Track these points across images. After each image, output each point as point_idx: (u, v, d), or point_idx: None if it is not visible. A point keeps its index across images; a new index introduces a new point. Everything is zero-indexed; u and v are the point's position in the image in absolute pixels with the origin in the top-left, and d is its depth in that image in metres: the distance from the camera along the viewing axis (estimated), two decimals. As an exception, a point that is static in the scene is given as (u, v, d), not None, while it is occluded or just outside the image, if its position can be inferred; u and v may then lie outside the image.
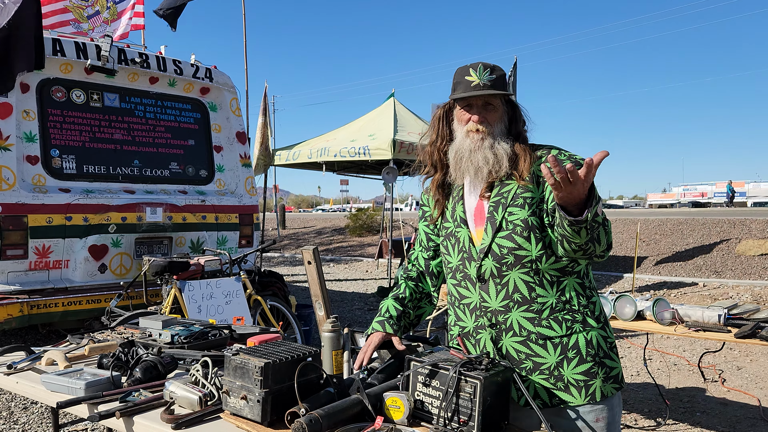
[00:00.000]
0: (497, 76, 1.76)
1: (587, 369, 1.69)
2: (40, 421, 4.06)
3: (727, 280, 9.29)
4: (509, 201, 1.73)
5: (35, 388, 1.97)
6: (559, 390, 1.69)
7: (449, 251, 1.86)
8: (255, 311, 4.90)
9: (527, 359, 1.71)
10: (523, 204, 1.71)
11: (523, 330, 1.71)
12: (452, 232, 1.85)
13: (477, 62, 1.79)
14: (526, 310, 1.70)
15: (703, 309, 3.40)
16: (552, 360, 1.69)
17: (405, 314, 1.93)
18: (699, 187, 54.28)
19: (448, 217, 1.88)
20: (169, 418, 1.59)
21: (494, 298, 1.74)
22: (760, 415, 4.01)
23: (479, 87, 1.74)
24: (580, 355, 1.69)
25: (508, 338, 1.72)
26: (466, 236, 1.80)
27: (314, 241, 19.48)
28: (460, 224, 1.82)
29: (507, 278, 1.72)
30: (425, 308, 2.02)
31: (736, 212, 21.27)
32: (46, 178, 5.16)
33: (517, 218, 1.71)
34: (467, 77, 1.76)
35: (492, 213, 1.75)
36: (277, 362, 1.54)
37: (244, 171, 6.53)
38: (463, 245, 1.80)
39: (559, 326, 1.70)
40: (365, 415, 1.53)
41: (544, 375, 1.70)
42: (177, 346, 2.20)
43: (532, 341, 1.70)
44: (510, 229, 1.72)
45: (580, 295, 1.74)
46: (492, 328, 1.75)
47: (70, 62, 5.35)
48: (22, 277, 4.97)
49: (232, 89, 6.51)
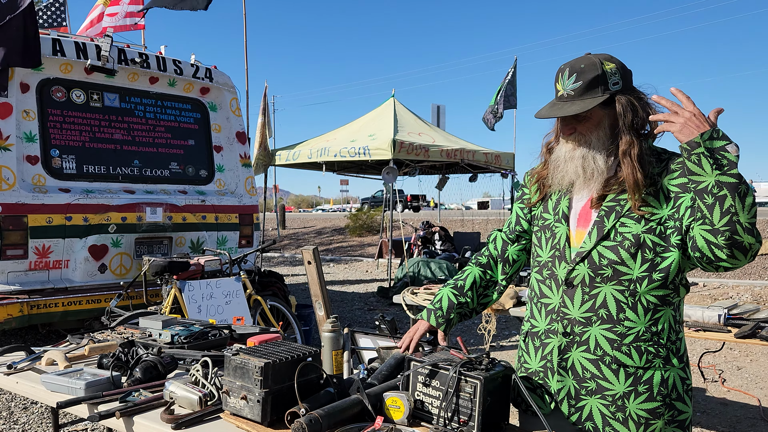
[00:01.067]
0: (585, 81, 1.57)
1: (654, 408, 1.56)
2: (40, 421, 4.06)
3: (727, 280, 9.29)
4: (624, 210, 1.58)
5: (35, 388, 1.97)
6: (617, 421, 1.57)
7: (541, 244, 1.74)
8: (255, 311, 4.90)
9: (593, 380, 1.59)
10: (639, 218, 1.56)
11: (598, 349, 1.58)
12: (550, 225, 1.72)
13: (568, 63, 1.62)
14: (609, 329, 1.57)
15: (703, 309, 3.40)
16: (620, 389, 1.56)
17: (463, 304, 1.86)
18: (699, 187, 54.27)
19: (549, 209, 1.74)
20: (169, 418, 1.59)
21: (577, 307, 1.61)
22: (760, 415, 4.01)
23: (563, 98, 1.60)
24: (651, 392, 1.56)
25: (578, 351, 1.61)
26: (564, 234, 1.66)
27: (314, 241, 19.47)
28: (561, 219, 1.68)
29: (598, 291, 1.58)
30: (491, 296, 1.93)
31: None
32: (46, 178, 5.16)
33: (629, 231, 1.56)
34: (556, 84, 1.64)
35: (602, 218, 1.60)
36: (277, 362, 1.54)
37: (244, 171, 6.53)
38: (558, 242, 1.67)
39: (639, 356, 1.56)
40: (365, 415, 1.53)
41: (606, 401, 1.58)
42: (177, 346, 2.20)
43: (605, 363, 1.57)
44: (617, 240, 1.57)
45: (672, 330, 1.59)
46: (565, 336, 1.63)
47: (70, 62, 5.34)
48: (22, 277, 4.97)
49: (232, 89, 6.51)
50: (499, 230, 1.95)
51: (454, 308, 1.84)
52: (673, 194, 1.55)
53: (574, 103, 1.58)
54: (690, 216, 1.50)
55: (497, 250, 1.91)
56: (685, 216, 1.52)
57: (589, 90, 1.57)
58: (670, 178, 1.57)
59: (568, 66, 1.61)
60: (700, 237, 1.45)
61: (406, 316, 4.21)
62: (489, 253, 1.93)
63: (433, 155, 9.86)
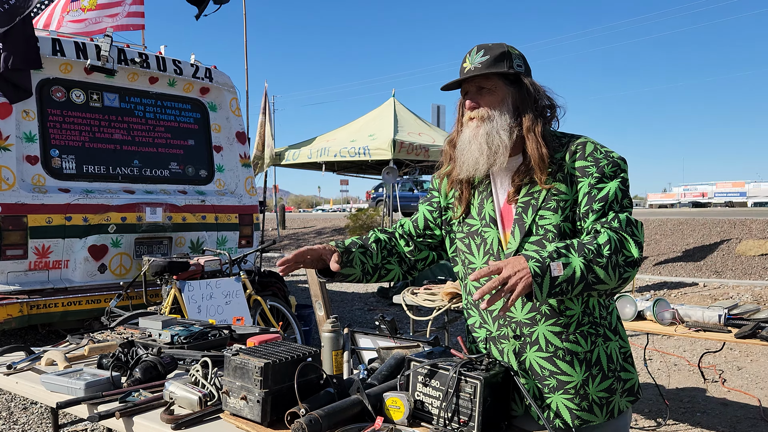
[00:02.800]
0: (492, 55, 1.60)
1: (609, 386, 1.62)
2: (40, 421, 4.05)
3: (727, 280, 9.28)
4: (540, 203, 1.58)
5: (35, 389, 1.96)
6: (583, 411, 1.60)
7: (472, 251, 1.70)
8: (255, 311, 4.90)
9: (551, 377, 1.60)
10: (555, 207, 1.57)
11: (549, 345, 1.59)
12: (478, 230, 1.68)
13: (475, 45, 1.66)
14: (554, 323, 1.59)
15: (703, 309, 3.40)
16: (578, 378, 1.59)
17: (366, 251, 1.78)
18: (699, 187, 54.27)
19: (474, 214, 1.70)
20: (169, 418, 1.59)
21: (520, 309, 1.61)
22: (761, 416, 4.01)
23: (471, 71, 1.61)
24: (603, 371, 1.61)
25: (532, 352, 1.61)
26: (495, 238, 1.64)
27: (314, 241, 19.48)
28: (489, 224, 1.66)
29: None
30: (393, 267, 1.85)
31: (736, 212, 21.27)
32: (45, 178, 5.16)
33: (549, 223, 1.57)
34: (463, 64, 1.65)
35: (521, 215, 1.60)
36: (277, 362, 1.54)
37: (244, 171, 6.53)
38: (491, 247, 1.65)
39: (584, 341, 1.60)
40: (365, 415, 1.52)
41: (569, 395, 1.59)
42: (177, 347, 2.20)
43: (558, 357, 1.59)
44: (540, 234, 1.57)
45: (602, 305, 1.64)
46: (516, 339, 1.63)
47: (70, 62, 5.34)
48: (21, 277, 4.97)
49: (232, 89, 6.51)
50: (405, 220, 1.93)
51: (356, 247, 1.78)
52: (575, 177, 1.59)
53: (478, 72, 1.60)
54: (586, 205, 1.55)
55: (402, 230, 1.89)
56: (582, 203, 1.57)
57: (496, 63, 1.60)
58: (572, 160, 1.60)
59: (475, 46, 1.64)
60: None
61: (406, 317, 4.21)
62: (395, 228, 1.91)
63: (433, 155, 9.86)
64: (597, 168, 1.57)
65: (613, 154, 1.59)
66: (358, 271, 1.78)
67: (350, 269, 1.76)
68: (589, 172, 1.57)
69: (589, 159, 1.59)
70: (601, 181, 1.56)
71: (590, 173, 1.57)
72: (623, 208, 1.55)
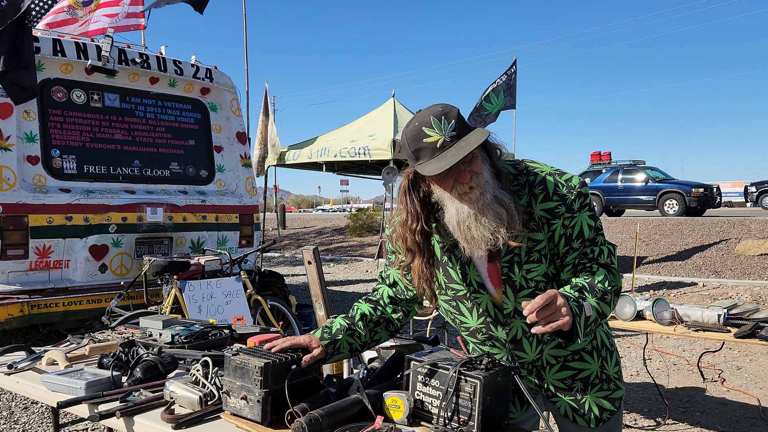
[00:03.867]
0: (455, 120, 1.43)
1: (617, 359, 1.73)
2: (41, 421, 4.06)
3: (726, 280, 9.29)
4: (523, 258, 1.54)
5: (36, 388, 1.97)
6: (614, 391, 1.69)
7: (463, 313, 1.67)
8: (255, 311, 4.91)
9: (574, 381, 1.67)
10: (539, 258, 1.55)
11: (558, 359, 1.67)
12: (467, 295, 1.63)
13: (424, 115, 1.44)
14: (556, 346, 1.66)
15: (702, 309, 3.40)
16: (595, 366, 1.67)
17: (353, 333, 1.72)
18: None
19: (456, 279, 1.62)
20: (170, 417, 1.59)
21: (530, 352, 1.67)
22: (760, 415, 4.02)
23: (447, 145, 1.41)
24: (608, 349, 1.71)
25: (549, 374, 1.69)
26: (488, 302, 1.61)
27: (314, 241, 19.48)
28: (478, 290, 1.61)
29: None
30: (381, 334, 1.78)
31: (735, 212, 21.28)
32: (46, 178, 5.17)
33: (537, 274, 1.56)
34: (427, 139, 1.42)
35: (508, 275, 1.56)
36: (277, 362, 1.55)
37: (244, 171, 6.53)
38: (487, 310, 1.63)
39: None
40: (365, 414, 1.53)
41: (596, 386, 1.67)
42: (177, 346, 2.21)
43: (569, 361, 1.67)
44: (532, 287, 1.57)
45: None
46: (530, 374, 1.70)
47: (71, 62, 5.35)
48: (22, 277, 4.98)
49: (232, 89, 6.51)
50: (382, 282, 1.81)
51: (343, 332, 1.70)
52: (545, 219, 1.53)
53: (463, 141, 1.41)
54: (565, 245, 1.54)
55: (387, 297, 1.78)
56: (560, 244, 1.54)
57: (464, 126, 1.44)
58: (539, 204, 1.53)
59: (429, 116, 1.43)
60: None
61: (406, 316, 4.22)
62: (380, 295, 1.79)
63: (433, 155, 9.84)
64: (566, 207, 1.53)
65: (573, 183, 1.54)
66: (347, 353, 1.74)
67: (338, 355, 1.72)
68: (559, 212, 1.53)
69: (555, 198, 1.53)
70: (572, 218, 1.53)
71: (560, 213, 1.53)
72: (598, 235, 1.57)
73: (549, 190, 1.53)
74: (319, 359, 1.65)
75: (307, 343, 1.66)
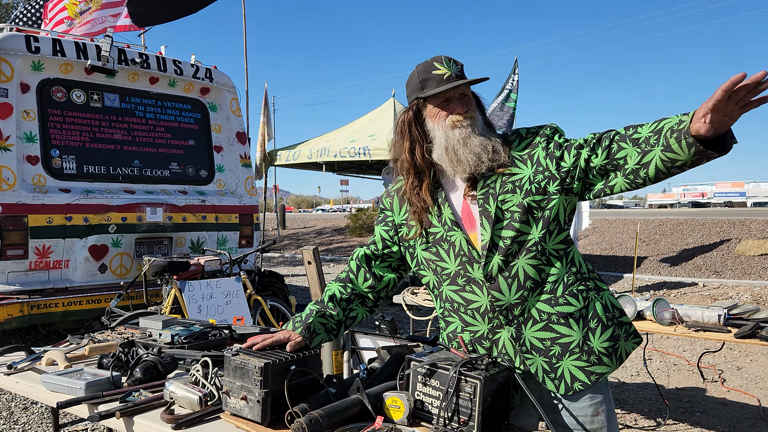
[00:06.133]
0: (461, 67, 1.71)
1: (611, 334, 1.67)
2: (41, 421, 4.06)
3: (726, 280, 9.29)
4: (498, 190, 1.65)
5: (35, 388, 1.97)
6: (593, 365, 1.64)
7: (442, 257, 1.72)
8: (255, 311, 4.91)
9: (553, 344, 1.64)
10: (513, 188, 1.64)
11: (542, 315, 1.64)
12: (443, 236, 1.71)
13: (439, 56, 1.71)
14: (540, 292, 1.64)
15: (702, 309, 3.40)
16: (578, 336, 1.63)
17: (324, 314, 1.79)
18: (699, 187, 54.26)
19: (435, 222, 1.73)
20: (169, 418, 1.59)
21: (507, 293, 1.64)
22: (760, 415, 4.01)
23: (453, 78, 1.65)
24: (601, 322, 1.66)
25: (529, 330, 1.65)
26: (462, 238, 1.68)
27: (314, 242, 19.48)
28: (452, 228, 1.70)
29: (515, 268, 1.63)
30: (357, 310, 1.85)
31: (735, 212, 21.28)
32: (46, 178, 5.16)
33: (512, 204, 1.63)
34: (435, 71, 1.67)
35: (484, 206, 1.65)
36: (276, 362, 1.55)
37: (244, 171, 6.54)
38: (461, 249, 1.68)
39: (576, 300, 1.64)
40: (365, 415, 1.53)
41: (575, 354, 1.63)
42: (177, 346, 2.21)
43: (554, 323, 1.63)
44: (508, 217, 1.63)
45: (584, 261, 1.71)
46: (510, 324, 1.66)
47: (71, 62, 5.35)
48: (22, 277, 4.97)
49: (232, 89, 6.51)
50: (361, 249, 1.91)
51: (313, 315, 1.77)
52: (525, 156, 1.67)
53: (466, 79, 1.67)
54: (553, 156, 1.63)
55: (359, 261, 1.87)
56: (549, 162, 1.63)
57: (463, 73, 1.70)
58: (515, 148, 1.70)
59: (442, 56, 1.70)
60: (658, 159, 1.49)
61: (406, 316, 4.21)
62: (349, 268, 1.89)
63: (433, 155, 9.84)
64: (540, 137, 1.68)
65: (545, 125, 1.70)
66: (323, 333, 1.78)
67: (317, 337, 1.77)
68: (536, 142, 1.67)
69: (528, 137, 1.70)
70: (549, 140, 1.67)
71: (537, 143, 1.67)
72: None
73: (522, 133, 1.73)
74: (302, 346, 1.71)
75: (287, 337, 1.73)
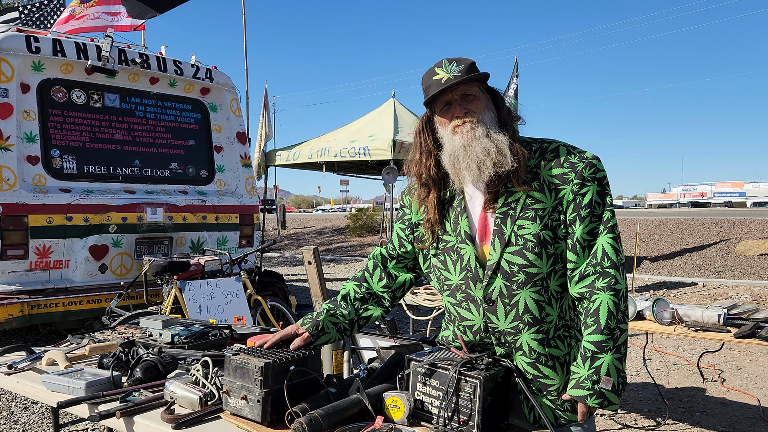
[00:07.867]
0: (465, 65, 1.59)
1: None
2: (41, 421, 4.06)
3: (726, 280, 9.29)
4: (518, 213, 1.57)
5: (36, 388, 1.97)
6: (566, 411, 1.62)
7: (448, 267, 1.68)
8: (255, 311, 4.91)
9: (535, 380, 1.61)
10: (534, 217, 1.55)
11: (533, 352, 1.60)
12: (454, 247, 1.66)
13: (442, 59, 1.63)
14: (536, 331, 1.59)
15: (702, 309, 3.40)
16: (560, 381, 1.61)
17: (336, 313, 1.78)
18: (698, 187, 54.23)
19: (449, 230, 1.68)
20: (170, 418, 1.59)
21: (503, 320, 1.60)
22: (760, 415, 4.02)
23: (450, 81, 1.57)
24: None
25: (518, 356, 1.62)
26: (472, 254, 1.62)
27: (314, 241, 19.48)
28: (465, 240, 1.63)
29: (517, 298, 1.57)
30: (372, 310, 1.83)
31: (735, 212, 21.28)
32: (46, 179, 5.16)
33: (528, 233, 1.55)
34: (435, 77, 1.60)
35: (500, 226, 1.58)
36: (277, 362, 1.55)
37: (244, 171, 6.54)
38: (468, 264, 1.62)
39: (562, 344, 1.62)
40: (365, 415, 1.53)
41: (552, 396, 1.62)
42: (177, 346, 2.21)
43: (542, 363, 1.60)
44: (521, 244, 1.56)
45: (569, 308, 1.65)
46: (500, 346, 1.64)
47: (71, 62, 5.35)
48: (22, 277, 4.98)
49: (232, 89, 6.51)
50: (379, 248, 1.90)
51: (324, 313, 1.77)
52: (554, 185, 1.57)
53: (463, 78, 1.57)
54: (573, 212, 1.55)
55: (375, 261, 1.87)
56: (569, 211, 1.56)
57: (471, 71, 1.59)
58: (548, 168, 1.59)
59: (444, 59, 1.62)
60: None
61: (406, 316, 4.21)
62: (366, 267, 1.88)
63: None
64: (575, 174, 1.56)
65: (587, 155, 1.59)
66: (333, 332, 1.77)
67: (325, 336, 1.75)
68: (569, 178, 1.56)
69: (566, 165, 1.58)
70: (583, 186, 1.55)
71: (570, 179, 1.56)
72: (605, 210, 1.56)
73: (560, 156, 1.59)
74: (308, 342, 1.71)
75: (294, 331, 1.73)
